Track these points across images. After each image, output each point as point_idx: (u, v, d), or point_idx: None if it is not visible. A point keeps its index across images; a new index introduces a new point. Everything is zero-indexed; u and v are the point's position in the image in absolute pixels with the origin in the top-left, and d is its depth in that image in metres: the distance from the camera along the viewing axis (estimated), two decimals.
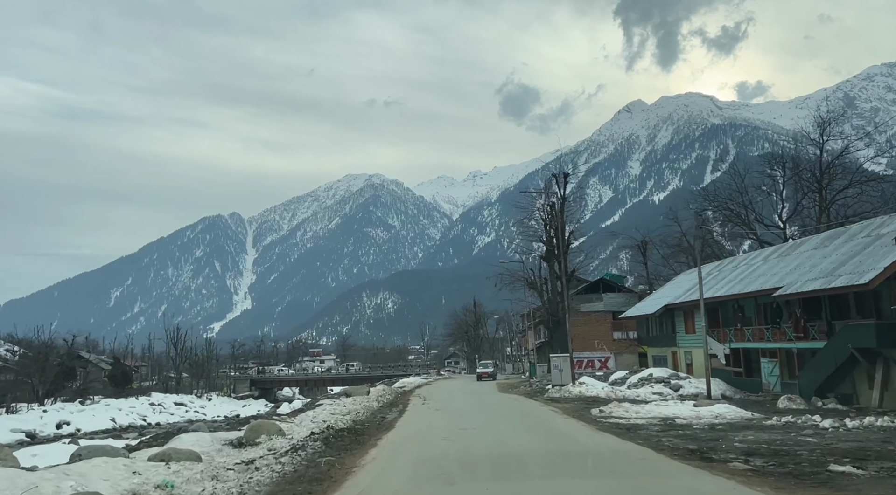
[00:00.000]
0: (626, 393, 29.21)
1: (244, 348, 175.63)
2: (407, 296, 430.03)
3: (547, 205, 42.79)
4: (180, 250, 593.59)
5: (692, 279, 39.92)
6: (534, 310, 59.88)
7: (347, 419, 17.87)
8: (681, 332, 37.58)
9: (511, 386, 43.08)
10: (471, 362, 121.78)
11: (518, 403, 25.26)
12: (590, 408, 23.33)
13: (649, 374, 32.73)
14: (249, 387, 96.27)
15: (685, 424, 18.74)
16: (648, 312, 39.56)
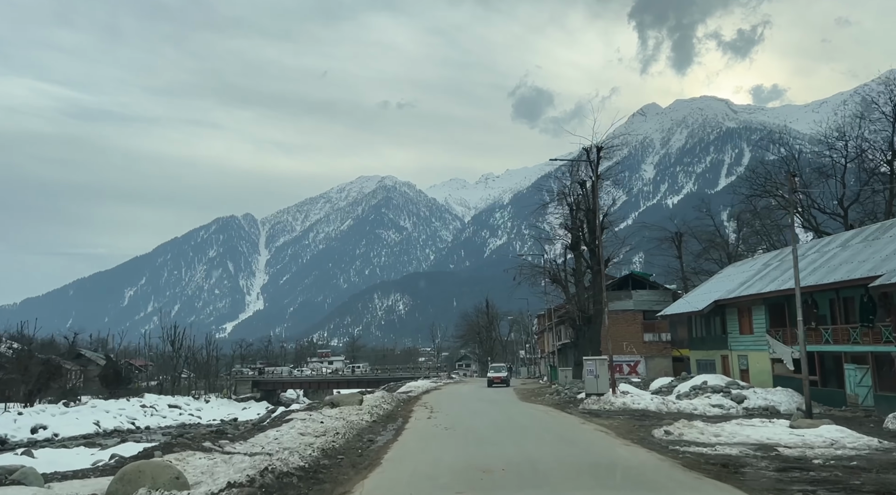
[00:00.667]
0: (681, 406, 23.42)
1: (251, 348, 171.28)
2: (418, 298, 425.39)
3: (576, 183, 36.90)
4: (194, 250, 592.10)
5: (744, 272, 34.05)
6: (555, 308, 54.09)
7: (317, 445, 12.25)
8: (734, 333, 31.72)
9: (532, 393, 37.29)
10: (482, 365, 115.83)
11: (550, 418, 19.54)
12: (646, 427, 17.67)
13: (702, 382, 26.90)
14: (251, 389, 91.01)
15: (798, 457, 13.02)
16: (694, 310, 33.73)
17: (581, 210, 38.59)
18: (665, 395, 26.99)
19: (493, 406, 25.83)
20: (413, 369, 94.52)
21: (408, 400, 30.01)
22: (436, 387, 49.50)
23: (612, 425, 18.24)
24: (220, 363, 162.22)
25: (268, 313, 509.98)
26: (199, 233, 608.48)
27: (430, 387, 48.62)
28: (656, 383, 31.04)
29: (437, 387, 49.68)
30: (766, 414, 23.52)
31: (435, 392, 42.37)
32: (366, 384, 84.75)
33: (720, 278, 36.94)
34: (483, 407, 24.84)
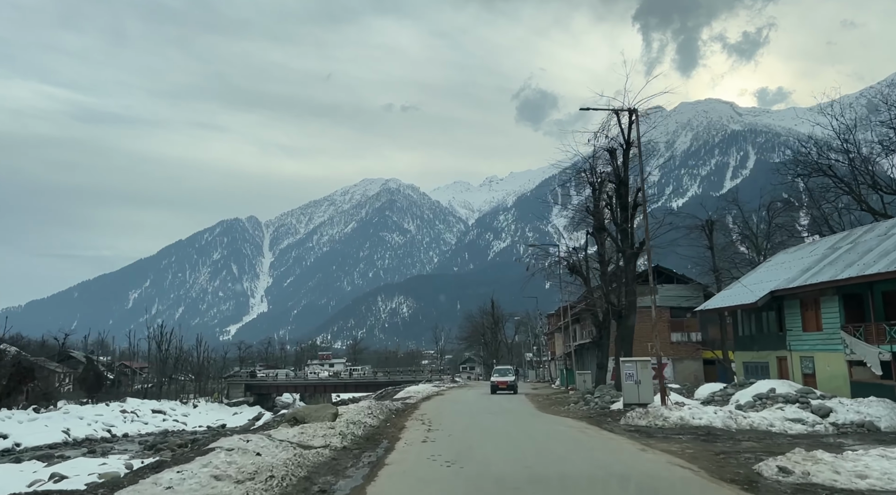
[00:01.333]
0: (754, 421, 17.84)
1: (250, 351, 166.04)
2: (422, 300, 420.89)
3: (604, 150, 31.38)
4: (198, 253, 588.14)
5: (803, 259, 28.47)
6: (571, 305, 48.53)
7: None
8: (795, 330, 26.13)
9: (549, 400, 31.73)
10: (488, 368, 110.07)
11: (592, 442, 14.02)
12: (732, 455, 12.22)
13: (769, 390, 21.31)
14: (244, 393, 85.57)
15: None
16: (743, 303, 28.15)
17: (605, 189, 33.06)
18: (720, 405, 21.49)
19: (508, 419, 20.26)
20: (415, 372, 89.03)
21: (402, 410, 24.48)
22: (438, 393, 43.95)
23: (683, 452, 12.71)
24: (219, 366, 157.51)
25: (271, 316, 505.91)
26: (204, 236, 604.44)
27: (432, 392, 43.07)
28: (703, 390, 25.47)
29: (439, 393, 44.14)
30: (863, 432, 18.03)
31: (436, 398, 36.85)
32: (364, 388, 79.26)
33: (771, 267, 31.35)
34: (496, 421, 19.28)
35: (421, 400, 34.77)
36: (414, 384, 61.59)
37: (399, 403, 27.95)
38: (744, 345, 30.42)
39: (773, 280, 27.86)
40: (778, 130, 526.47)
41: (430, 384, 60.21)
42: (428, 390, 46.44)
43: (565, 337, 50.10)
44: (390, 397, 39.25)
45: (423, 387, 50.57)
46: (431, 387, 51.85)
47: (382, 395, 43.45)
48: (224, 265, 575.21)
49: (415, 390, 45.42)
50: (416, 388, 48.43)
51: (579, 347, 48.67)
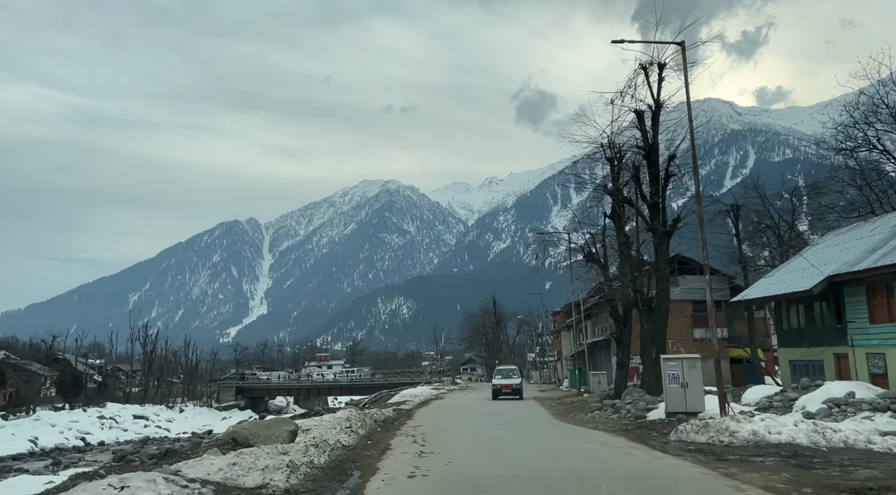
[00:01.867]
0: (847, 436, 13.56)
1: (247, 353, 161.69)
2: (422, 301, 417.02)
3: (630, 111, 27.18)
4: (197, 255, 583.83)
5: (863, 239, 24.21)
6: (583, 299, 44.32)
7: None
8: (859, 321, 21.88)
9: (565, 406, 27.45)
10: (489, 369, 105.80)
11: (645, 468, 9.85)
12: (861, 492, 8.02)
13: (847, 394, 17.05)
14: (235, 396, 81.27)
15: None
16: (793, 290, 23.90)
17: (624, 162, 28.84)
18: (779, 412, 17.28)
19: (524, 433, 15.94)
20: (413, 374, 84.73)
21: (393, 420, 20.16)
22: (436, 396, 39.69)
23: (788, 489, 8.45)
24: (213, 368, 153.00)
25: (271, 318, 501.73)
26: (203, 238, 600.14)
27: (430, 396, 38.82)
28: (754, 394, 21.19)
29: (437, 396, 39.88)
30: None
31: (435, 404, 32.62)
32: (360, 390, 75.01)
33: (820, 250, 27.07)
34: (508, 437, 14.97)
35: (417, 405, 30.54)
36: (412, 386, 57.34)
37: (390, 411, 23.66)
38: (790, 340, 26.13)
39: (827, 264, 23.60)
40: (777, 129, 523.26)
41: (429, 386, 55.92)
42: (426, 393, 42.20)
43: (576, 334, 45.88)
44: (383, 402, 35.02)
45: (422, 390, 46.33)
46: (430, 390, 47.61)
47: (376, 400, 39.22)
48: (224, 267, 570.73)
49: (411, 394, 41.17)
50: (414, 392, 44.19)
51: (592, 346, 44.40)
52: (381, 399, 38.39)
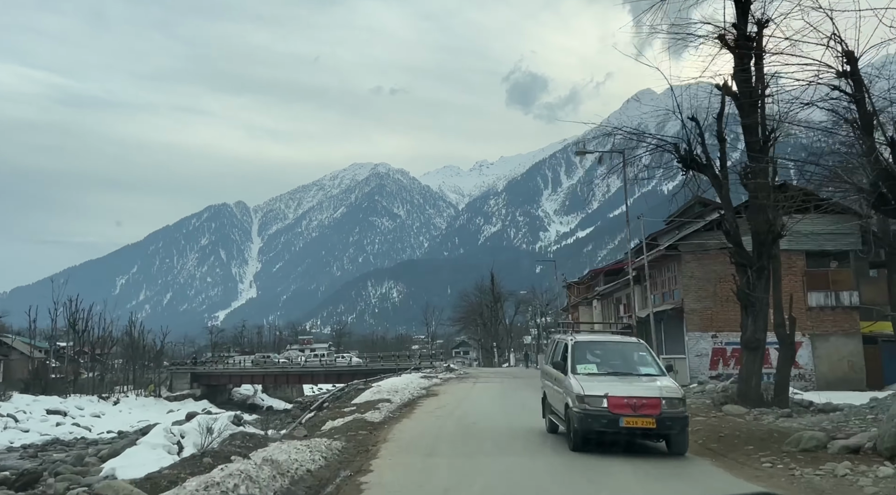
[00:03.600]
0: None
1: (223, 335, 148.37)
2: (412, 285, 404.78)
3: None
4: (185, 238, 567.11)
5: None
6: (651, 240, 31.22)
7: None
8: None
9: (716, 431, 13.60)
10: (486, 352, 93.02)
11: None
12: None
13: None
14: (189, 384, 68.05)
15: None
16: None
17: None
18: None
19: None
20: (398, 358, 71.55)
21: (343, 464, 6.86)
22: (428, 392, 26.64)
23: None
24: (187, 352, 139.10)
25: (261, 301, 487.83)
26: (191, 221, 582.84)
27: (418, 393, 25.75)
28: None
29: (429, 391, 26.82)
30: None
31: (427, 407, 19.57)
32: (336, 377, 61.98)
33: None
34: None
35: (396, 411, 17.53)
36: (398, 373, 44.45)
37: (329, 445, 10.47)
38: None
39: None
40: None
41: (419, 373, 42.95)
42: (413, 386, 29.18)
43: (642, 296, 32.71)
44: (343, 404, 21.91)
45: (408, 381, 33.38)
46: (419, 380, 34.68)
47: (337, 398, 26.18)
48: (212, 250, 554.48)
49: (392, 387, 28.15)
50: (397, 383, 31.25)
51: (642, 321, 31.36)
52: (344, 397, 25.33)
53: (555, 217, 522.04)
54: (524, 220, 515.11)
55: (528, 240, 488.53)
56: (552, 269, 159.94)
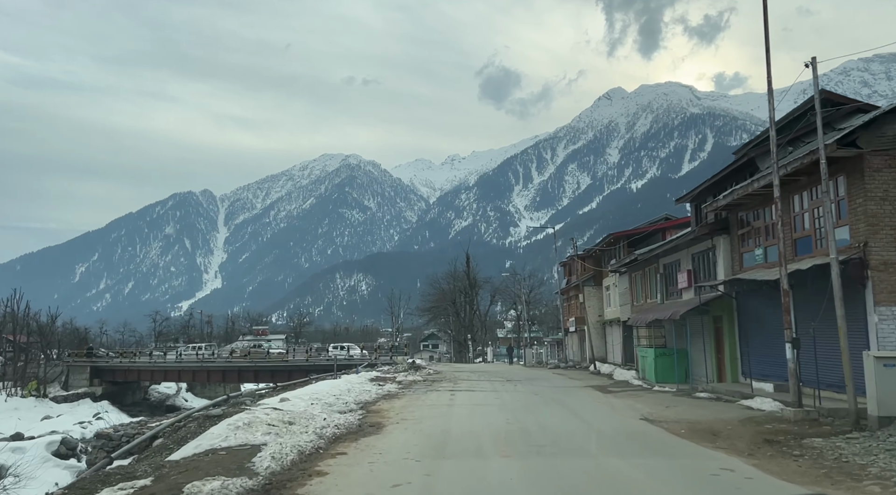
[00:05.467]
0: None
1: (167, 324, 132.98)
2: (381, 278, 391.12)
3: None
4: (149, 226, 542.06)
5: None
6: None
7: None
8: None
9: None
10: (458, 345, 79.82)
11: None
12: None
13: None
14: (90, 380, 53.30)
15: None
16: None
17: None
18: None
19: None
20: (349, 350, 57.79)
21: None
22: (363, 421, 13.18)
23: None
24: (127, 341, 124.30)
25: (226, 292, 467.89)
26: (156, 209, 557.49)
27: (342, 424, 12.33)
28: None
29: (368, 421, 13.35)
30: None
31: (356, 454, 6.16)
32: (269, 375, 47.98)
33: None
34: None
35: None
36: (345, 371, 30.93)
37: None
38: None
39: None
40: (735, 114, 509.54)
41: (370, 373, 29.51)
42: (347, 400, 15.77)
43: (729, 251, 19.29)
44: (158, 453, 8.32)
45: (345, 386, 20.01)
46: (365, 385, 21.36)
47: (176, 429, 12.60)
48: (177, 239, 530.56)
49: (310, 400, 14.70)
50: (325, 391, 17.87)
51: (766, 286, 18.19)
52: (184, 430, 11.73)
53: (525, 212, 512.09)
54: (495, 215, 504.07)
55: (498, 235, 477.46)
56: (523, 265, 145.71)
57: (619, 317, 32.86)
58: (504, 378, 28.54)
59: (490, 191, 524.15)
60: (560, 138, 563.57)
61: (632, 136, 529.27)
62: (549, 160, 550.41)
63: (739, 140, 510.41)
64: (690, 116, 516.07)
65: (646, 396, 18.09)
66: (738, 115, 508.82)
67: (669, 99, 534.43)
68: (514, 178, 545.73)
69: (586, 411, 14.82)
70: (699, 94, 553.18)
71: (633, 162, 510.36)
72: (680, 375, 21.65)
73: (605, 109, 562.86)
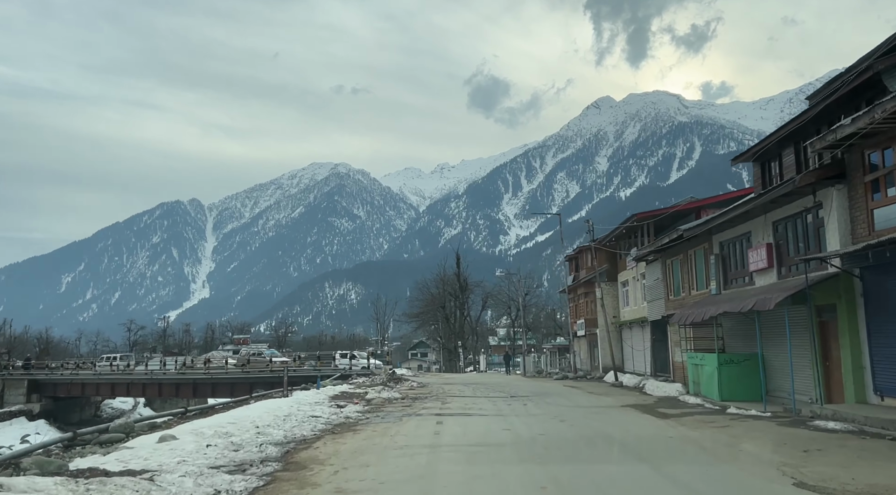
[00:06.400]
0: None
1: (144, 333, 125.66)
2: (371, 287, 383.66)
3: None
4: (136, 236, 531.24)
5: None
6: None
7: None
8: None
9: None
10: (448, 353, 73.35)
11: None
12: None
13: None
14: (27, 396, 46.15)
15: None
16: None
17: None
18: None
19: None
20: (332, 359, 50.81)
21: None
22: (271, 491, 6.73)
23: None
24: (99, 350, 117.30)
25: (214, 301, 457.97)
26: (143, 218, 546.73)
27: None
28: None
29: (277, 490, 6.91)
30: None
31: None
32: (229, 389, 41.21)
33: None
34: None
35: None
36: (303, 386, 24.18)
37: None
38: None
39: None
40: (722, 123, 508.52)
41: (342, 385, 22.90)
42: (275, 435, 9.28)
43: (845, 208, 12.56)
44: None
45: (293, 407, 13.58)
46: (318, 409, 14.91)
47: None
48: (164, 249, 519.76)
49: (228, 423, 8.31)
50: (260, 416, 11.44)
51: None
52: None
53: (515, 221, 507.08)
54: (484, 224, 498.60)
55: (488, 243, 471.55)
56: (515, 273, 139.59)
57: (644, 316, 26.57)
58: (506, 393, 22.11)
59: (479, 200, 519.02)
60: (549, 147, 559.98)
61: (620, 145, 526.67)
62: (538, 168, 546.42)
63: (727, 148, 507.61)
64: (678, 125, 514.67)
65: (736, 427, 11.70)
66: (725, 124, 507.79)
67: (657, 107, 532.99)
68: (504, 187, 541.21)
69: (675, 462, 8.44)
70: (687, 103, 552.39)
71: (621, 170, 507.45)
72: (755, 389, 15.35)
73: (593, 118, 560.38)
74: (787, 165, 16.48)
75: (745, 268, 16.93)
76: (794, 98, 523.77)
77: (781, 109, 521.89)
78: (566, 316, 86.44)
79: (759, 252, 15.71)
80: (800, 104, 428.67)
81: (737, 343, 17.73)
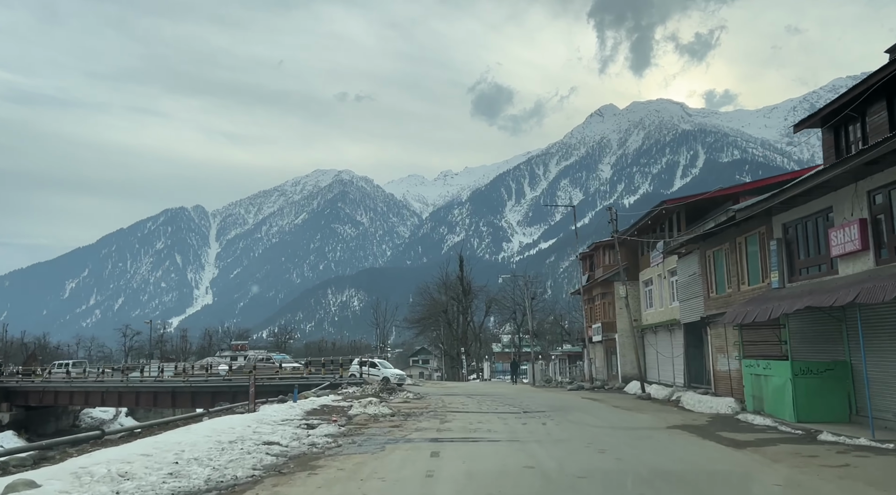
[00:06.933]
0: None
1: (139, 339, 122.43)
2: (374, 293, 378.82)
3: None
4: (140, 242, 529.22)
5: None
6: None
7: None
8: None
9: None
10: (451, 361, 69.76)
11: None
12: None
13: None
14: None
15: None
16: None
17: None
18: None
19: None
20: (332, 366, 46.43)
21: None
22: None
23: None
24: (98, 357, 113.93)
25: (217, 308, 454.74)
26: (147, 225, 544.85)
27: None
28: None
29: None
30: None
31: None
32: (209, 397, 37.63)
33: None
34: None
35: None
36: (251, 406, 20.70)
37: None
38: None
39: None
40: (726, 131, 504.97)
41: (328, 396, 19.42)
42: (197, 475, 5.80)
43: None
44: None
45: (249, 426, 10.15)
46: (280, 431, 11.46)
47: None
48: (167, 255, 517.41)
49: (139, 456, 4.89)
50: (196, 444, 8.10)
51: None
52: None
53: (518, 228, 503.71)
54: (487, 231, 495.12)
55: (491, 251, 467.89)
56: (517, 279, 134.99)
57: (674, 318, 22.96)
58: (518, 407, 18.51)
59: (482, 207, 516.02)
60: (552, 154, 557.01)
61: (624, 153, 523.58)
62: (541, 176, 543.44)
63: (731, 156, 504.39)
64: (682, 133, 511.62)
65: (860, 466, 8.08)
66: (728, 132, 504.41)
67: (661, 115, 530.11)
68: (507, 194, 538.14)
69: None
70: (690, 111, 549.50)
71: (625, 178, 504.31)
72: (842, 407, 11.77)
73: (596, 126, 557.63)
74: (876, 126, 12.97)
75: (822, 253, 13.38)
76: (797, 106, 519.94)
77: (785, 117, 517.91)
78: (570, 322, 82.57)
79: (847, 231, 12.16)
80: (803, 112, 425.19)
81: (806, 348, 14.16)
